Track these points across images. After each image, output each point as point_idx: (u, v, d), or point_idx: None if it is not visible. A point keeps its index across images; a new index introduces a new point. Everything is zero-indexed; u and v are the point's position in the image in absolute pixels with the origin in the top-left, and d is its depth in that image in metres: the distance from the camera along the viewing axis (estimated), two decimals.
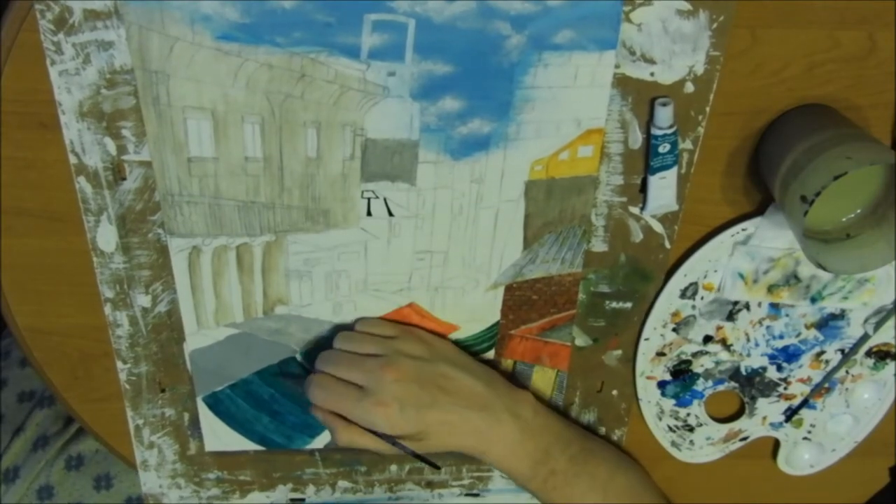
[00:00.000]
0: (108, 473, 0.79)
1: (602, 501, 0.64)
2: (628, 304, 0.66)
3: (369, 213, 0.60)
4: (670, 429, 0.73)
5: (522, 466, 0.63)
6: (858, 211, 0.57)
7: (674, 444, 0.74)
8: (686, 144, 0.58)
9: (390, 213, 0.60)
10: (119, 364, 0.66)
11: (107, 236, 0.60)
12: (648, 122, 0.57)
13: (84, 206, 0.58)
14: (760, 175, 0.59)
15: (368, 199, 0.59)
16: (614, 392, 0.71)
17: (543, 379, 0.70)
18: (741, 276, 0.63)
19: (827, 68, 0.56)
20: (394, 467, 0.75)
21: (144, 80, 0.53)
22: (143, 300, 0.63)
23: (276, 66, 0.53)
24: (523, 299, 0.65)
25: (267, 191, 0.58)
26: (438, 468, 0.66)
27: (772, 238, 0.61)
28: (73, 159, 0.56)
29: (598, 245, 0.63)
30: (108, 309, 0.63)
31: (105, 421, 0.70)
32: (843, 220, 0.57)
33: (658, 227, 0.62)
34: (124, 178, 0.58)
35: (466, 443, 0.62)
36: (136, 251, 0.61)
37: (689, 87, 0.55)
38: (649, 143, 0.57)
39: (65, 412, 0.79)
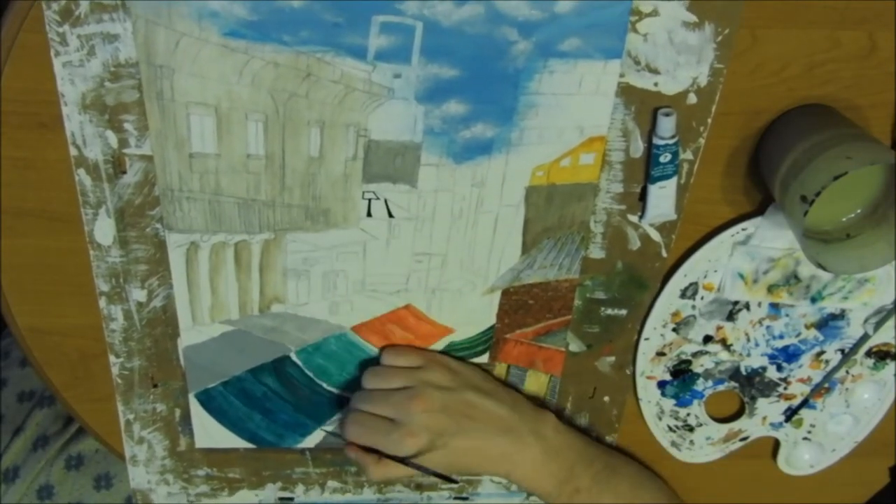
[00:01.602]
0: (108, 473, 0.78)
1: None
2: (623, 312, 0.66)
3: (369, 214, 0.60)
4: (670, 429, 0.74)
5: (548, 486, 0.65)
6: (858, 211, 0.57)
7: (674, 444, 0.75)
8: (686, 155, 0.58)
9: (390, 215, 0.60)
10: (112, 358, 0.66)
11: (105, 229, 0.59)
12: (650, 132, 0.57)
13: (83, 198, 0.58)
14: (760, 175, 0.59)
15: (369, 199, 0.59)
16: (606, 398, 0.72)
17: (536, 383, 0.70)
18: (741, 276, 0.63)
19: (827, 68, 0.56)
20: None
21: (149, 75, 0.53)
22: (138, 294, 0.63)
23: (281, 65, 0.53)
24: (520, 304, 0.65)
25: (268, 189, 0.58)
26: (457, 482, 0.69)
27: (772, 238, 0.62)
28: (73, 151, 0.56)
29: (596, 252, 0.63)
30: (102, 302, 0.63)
31: (105, 420, 0.69)
32: (843, 220, 0.57)
33: (656, 236, 0.62)
34: (124, 172, 0.57)
35: (492, 466, 0.65)
36: (133, 245, 0.60)
37: (692, 99, 0.56)
38: (650, 152, 0.57)
39: (65, 412, 0.78)
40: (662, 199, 0.59)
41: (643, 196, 0.60)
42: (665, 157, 0.57)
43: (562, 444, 0.66)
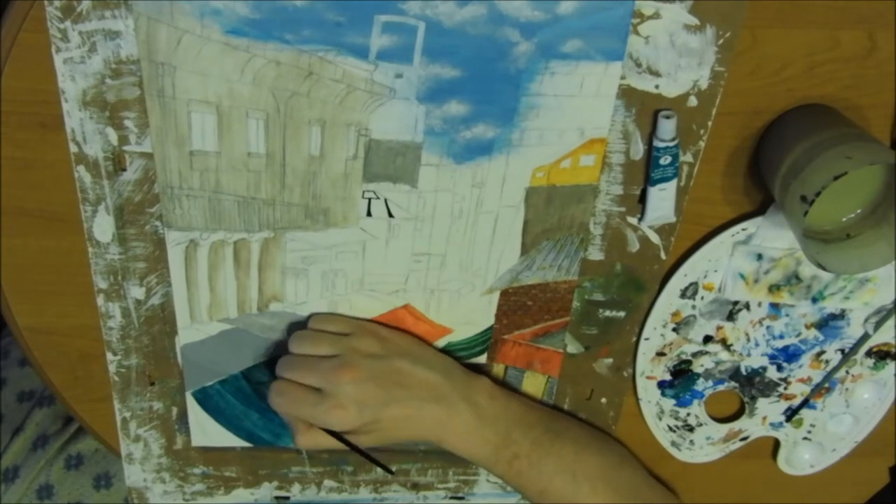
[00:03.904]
0: (108, 472, 0.78)
1: (571, 482, 0.64)
2: (621, 314, 0.66)
3: (369, 214, 0.60)
4: (670, 429, 0.74)
5: (483, 452, 0.64)
6: (858, 211, 0.57)
7: (674, 444, 0.75)
8: (686, 157, 0.58)
9: (390, 214, 0.60)
10: (109, 356, 0.66)
11: (103, 226, 0.59)
12: (651, 134, 0.57)
13: (82, 195, 0.58)
14: (760, 175, 0.59)
15: (369, 199, 0.59)
16: (603, 400, 0.72)
17: (534, 385, 0.70)
18: (742, 276, 0.63)
19: (827, 68, 0.56)
20: (380, 469, 0.75)
21: (150, 72, 0.53)
22: (136, 292, 0.63)
23: (283, 63, 0.53)
24: (518, 305, 0.65)
25: (268, 187, 0.58)
26: (392, 472, 0.67)
27: (773, 238, 0.62)
28: (73, 148, 0.56)
29: (595, 253, 0.63)
30: (100, 300, 0.63)
31: (105, 420, 0.69)
32: (843, 220, 0.57)
33: (655, 238, 0.62)
34: (124, 169, 0.57)
35: (423, 433, 0.63)
36: (132, 243, 0.60)
37: (693, 101, 0.56)
38: (650, 154, 0.58)
39: (64, 411, 0.78)
40: (662, 201, 0.59)
41: (643, 198, 0.60)
42: (665, 160, 0.57)
43: (497, 409, 0.64)
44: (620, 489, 0.66)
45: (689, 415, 0.73)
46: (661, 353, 0.69)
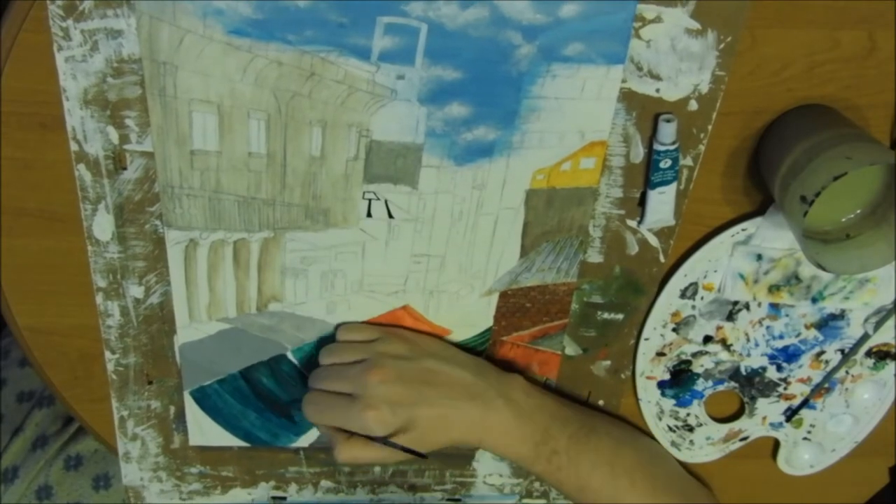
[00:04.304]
0: (107, 473, 0.78)
1: (610, 476, 0.64)
2: (620, 316, 0.67)
3: (369, 215, 0.60)
4: (670, 429, 0.74)
5: (523, 449, 0.63)
6: (858, 211, 0.57)
7: (674, 443, 0.75)
8: (686, 161, 0.59)
9: (390, 216, 0.60)
10: (107, 354, 0.65)
11: (103, 225, 0.59)
12: (651, 138, 0.57)
13: (82, 194, 0.58)
14: (760, 175, 0.59)
15: (369, 200, 0.59)
16: (600, 402, 0.72)
17: None
18: (741, 276, 0.63)
19: (827, 68, 0.56)
20: (377, 469, 0.75)
21: (152, 71, 0.53)
22: (135, 291, 0.63)
23: (285, 64, 0.53)
24: (517, 306, 0.66)
25: (268, 187, 0.58)
26: (425, 457, 0.63)
27: (772, 238, 0.62)
28: (73, 146, 0.56)
29: (594, 256, 0.63)
30: (99, 298, 0.63)
31: (104, 420, 0.69)
32: (843, 220, 0.57)
33: (654, 241, 0.63)
34: (125, 168, 0.57)
35: (462, 434, 0.62)
36: (131, 241, 0.60)
37: (693, 105, 0.56)
38: (650, 157, 0.58)
39: (64, 412, 0.79)
40: (662, 204, 0.59)
41: (642, 201, 0.60)
42: (665, 163, 0.57)
43: (533, 406, 0.64)
44: (657, 482, 0.66)
45: (688, 415, 0.73)
46: (660, 354, 0.69)
